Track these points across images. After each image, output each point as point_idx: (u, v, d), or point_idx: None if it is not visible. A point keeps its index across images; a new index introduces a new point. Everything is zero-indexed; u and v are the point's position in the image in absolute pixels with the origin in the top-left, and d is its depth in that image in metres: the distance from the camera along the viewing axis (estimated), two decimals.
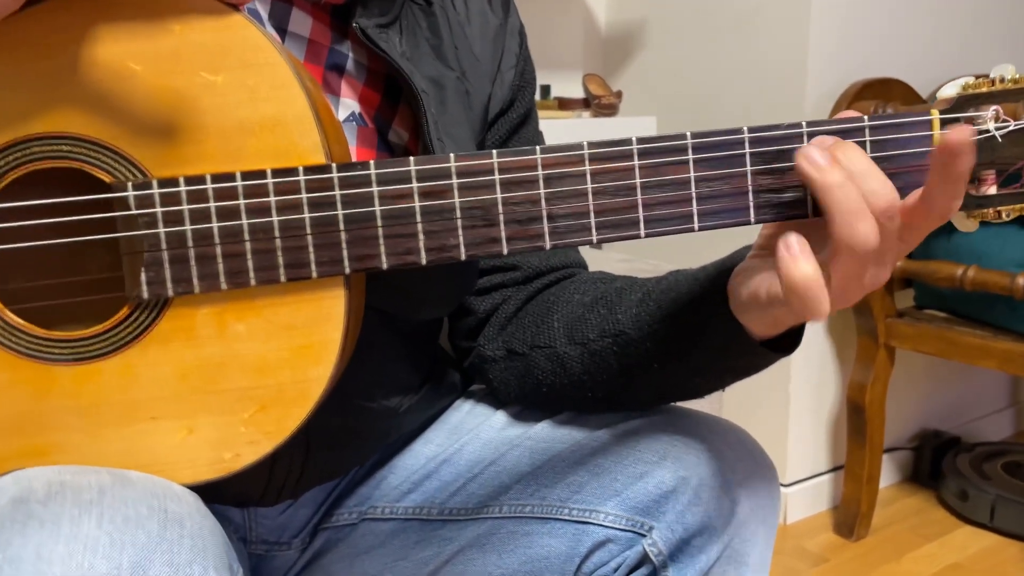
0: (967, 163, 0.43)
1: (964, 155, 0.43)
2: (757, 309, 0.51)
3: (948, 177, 0.44)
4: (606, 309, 0.62)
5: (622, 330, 0.60)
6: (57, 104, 0.46)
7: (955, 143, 0.43)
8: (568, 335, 0.64)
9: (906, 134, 0.48)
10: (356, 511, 0.71)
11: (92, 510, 0.41)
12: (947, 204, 0.45)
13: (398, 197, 0.46)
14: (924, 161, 0.49)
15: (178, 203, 0.46)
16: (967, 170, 0.44)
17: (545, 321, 0.66)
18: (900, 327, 1.56)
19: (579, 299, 0.66)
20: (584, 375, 0.63)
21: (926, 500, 1.79)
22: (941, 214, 0.45)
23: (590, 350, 0.63)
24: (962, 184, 0.44)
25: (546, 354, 0.65)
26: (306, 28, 0.61)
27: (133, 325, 0.47)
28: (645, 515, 0.58)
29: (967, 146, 0.43)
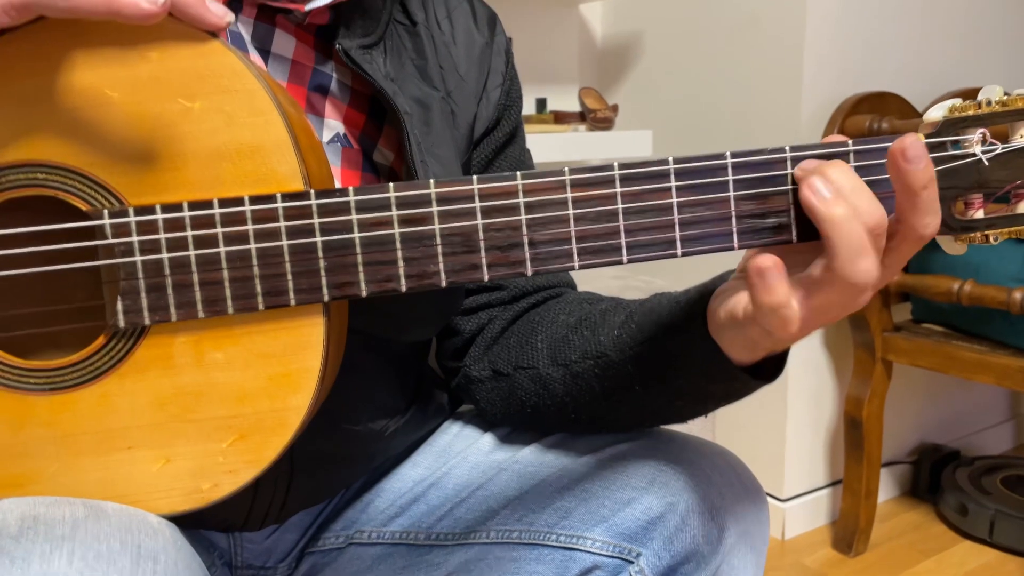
0: (922, 175, 0.43)
1: (918, 163, 0.43)
2: (733, 328, 0.50)
3: (909, 191, 0.43)
4: (589, 331, 0.62)
5: (604, 352, 0.60)
6: (33, 132, 0.45)
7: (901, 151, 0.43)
8: (551, 356, 0.64)
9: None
10: (343, 535, 0.70)
11: (64, 546, 0.40)
12: (920, 222, 0.44)
13: (378, 224, 0.46)
14: None
15: (155, 231, 0.45)
16: (926, 181, 0.43)
17: (529, 342, 0.66)
18: (897, 341, 1.56)
19: (564, 320, 0.65)
20: (567, 396, 0.63)
21: (925, 515, 1.78)
22: (918, 234, 0.45)
23: (572, 372, 0.62)
24: (925, 198, 0.44)
25: (530, 375, 0.65)
26: (289, 49, 0.61)
27: (110, 354, 0.47)
28: (632, 541, 0.58)
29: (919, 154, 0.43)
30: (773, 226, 0.48)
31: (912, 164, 0.43)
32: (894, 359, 1.57)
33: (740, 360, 0.52)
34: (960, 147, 0.49)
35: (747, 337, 0.50)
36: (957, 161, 0.49)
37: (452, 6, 0.70)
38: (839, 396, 1.72)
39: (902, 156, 0.43)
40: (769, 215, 0.48)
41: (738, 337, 0.50)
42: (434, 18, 0.68)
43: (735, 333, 0.50)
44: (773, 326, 0.45)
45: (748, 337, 0.50)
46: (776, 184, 0.47)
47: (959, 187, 0.49)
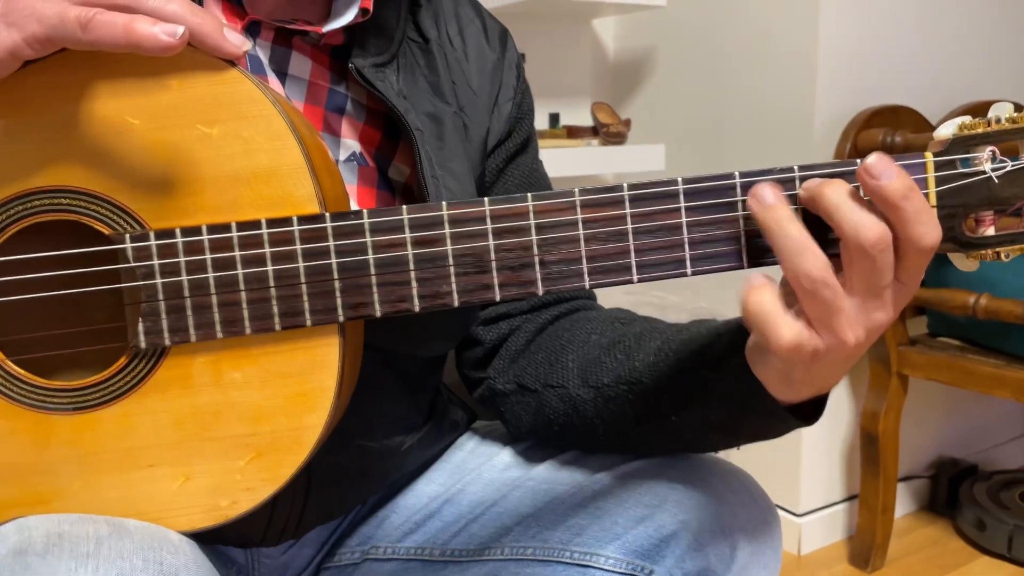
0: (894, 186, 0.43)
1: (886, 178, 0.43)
2: (759, 355, 0.50)
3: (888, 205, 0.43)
4: (623, 355, 0.62)
5: (638, 379, 0.60)
6: (58, 158, 0.46)
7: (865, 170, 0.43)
8: (583, 377, 0.64)
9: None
10: (359, 550, 0.71)
11: (88, 563, 0.41)
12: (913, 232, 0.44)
13: (391, 245, 0.47)
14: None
15: (175, 254, 0.46)
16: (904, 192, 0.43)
17: (559, 360, 0.66)
18: (913, 355, 1.55)
19: (596, 340, 0.65)
20: (597, 419, 0.63)
21: (943, 530, 1.77)
22: (916, 246, 0.44)
23: (604, 396, 0.62)
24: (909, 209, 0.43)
25: (559, 394, 0.65)
26: (306, 71, 0.62)
27: (131, 374, 0.48)
28: (645, 559, 0.58)
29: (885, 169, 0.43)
30: None
31: (880, 179, 0.43)
32: (910, 373, 1.57)
33: (780, 398, 0.51)
34: (970, 164, 0.50)
35: (773, 368, 0.49)
36: (967, 179, 0.49)
37: (464, 23, 0.71)
38: (855, 410, 1.72)
39: (867, 174, 0.43)
40: None
41: (767, 370, 0.50)
42: (446, 35, 0.70)
43: (764, 366, 0.50)
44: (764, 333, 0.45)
45: (774, 368, 0.49)
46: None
47: (969, 204, 0.50)
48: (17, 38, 0.42)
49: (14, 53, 0.42)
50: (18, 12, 0.42)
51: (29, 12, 0.42)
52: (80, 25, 0.42)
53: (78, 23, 0.42)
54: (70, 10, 0.42)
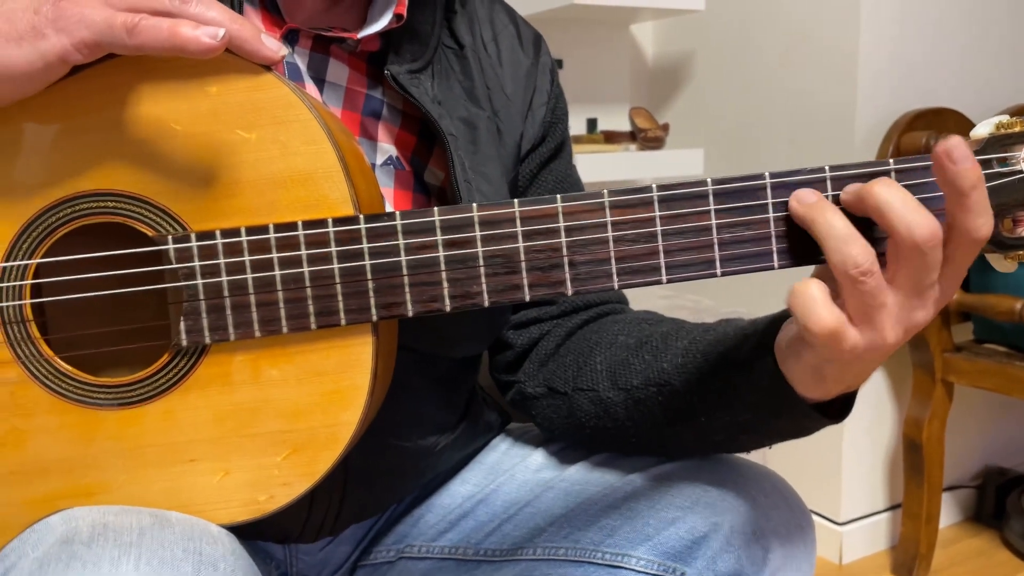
0: (970, 174, 0.43)
1: (964, 163, 0.43)
2: (793, 356, 0.50)
3: (958, 193, 0.43)
4: (651, 355, 0.62)
5: (667, 380, 0.60)
6: (103, 162, 0.48)
7: (945, 152, 0.43)
8: (611, 379, 0.64)
9: (933, 178, 0.48)
10: (394, 549, 0.72)
11: (131, 552, 0.43)
12: (973, 224, 0.44)
13: (423, 247, 0.48)
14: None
15: (215, 255, 0.48)
16: (975, 181, 0.43)
17: (588, 362, 0.66)
18: (958, 362, 1.52)
19: (623, 341, 0.65)
20: (628, 421, 0.63)
21: (989, 541, 1.72)
22: (972, 238, 0.44)
23: (634, 397, 0.62)
24: (975, 199, 0.43)
25: (589, 397, 0.65)
26: (343, 77, 0.63)
27: (173, 371, 0.49)
28: (677, 560, 0.58)
29: (964, 155, 0.43)
30: (813, 245, 0.48)
31: (959, 164, 0.43)
32: (955, 380, 1.53)
33: (809, 396, 0.51)
34: (1007, 164, 0.49)
35: (807, 364, 0.49)
36: (1004, 178, 0.49)
37: (498, 29, 0.72)
38: (898, 418, 1.68)
39: (947, 157, 0.43)
40: (809, 235, 0.48)
41: (799, 366, 0.50)
42: (480, 41, 0.71)
43: (796, 362, 0.50)
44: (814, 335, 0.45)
45: (808, 364, 0.49)
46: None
47: (1007, 204, 0.49)
48: (67, 43, 0.44)
49: (63, 58, 0.44)
50: (67, 18, 0.44)
51: (78, 18, 0.44)
52: (127, 30, 0.43)
53: (125, 28, 0.43)
54: (117, 16, 0.44)
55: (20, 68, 0.44)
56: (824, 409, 0.53)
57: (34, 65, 0.44)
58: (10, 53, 0.43)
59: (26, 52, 0.43)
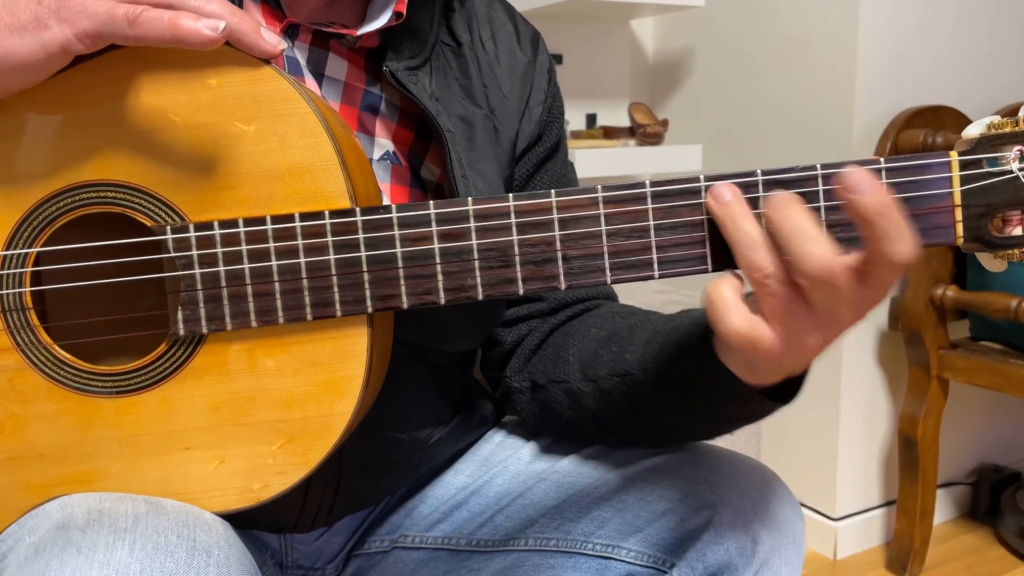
0: (869, 202, 0.42)
1: (863, 193, 0.42)
2: (725, 351, 0.51)
3: (862, 221, 0.43)
4: (617, 347, 0.63)
5: (628, 370, 0.61)
6: (104, 153, 0.49)
7: (840, 182, 0.43)
8: (582, 371, 0.65)
9: (924, 176, 0.48)
10: (388, 539, 0.72)
11: (126, 538, 0.43)
12: (886, 248, 0.43)
13: (418, 239, 0.48)
14: (944, 203, 0.49)
15: (212, 246, 0.48)
16: (880, 208, 0.42)
17: (562, 355, 0.67)
18: (954, 359, 1.52)
19: (595, 334, 0.66)
20: (598, 411, 0.64)
21: (983, 538, 1.73)
22: (888, 261, 0.43)
23: (601, 388, 0.63)
24: (883, 225, 0.42)
25: (562, 388, 0.66)
26: (342, 72, 0.64)
27: (170, 360, 0.50)
28: (667, 552, 0.59)
29: (862, 183, 0.42)
30: None
31: (857, 193, 0.42)
32: (951, 377, 1.54)
33: (755, 382, 0.52)
34: (997, 164, 0.50)
35: (737, 359, 0.50)
36: (994, 178, 0.49)
37: (496, 27, 0.73)
38: (893, 414, 1.69)
39: (845, 188, 0.43)
40: None
41: (731, 360, 0.51)
42: (479, 39, 0.71)
43: (728, 355, 0.51)
44: (730, 343, 0.46)
45: (738, 359, 0.50)
46: (807, 201, 0.48)
47: (996, 204, 0.50)
48: (69, 34, 0.44)
49: (65, 48, 0.45)
50: (69, 9, 0.44)
51: (80, 9, 0.44)
52: (128, 21, 0.44)
53: (126, 19, 0.44)
54: (119, 7, 0.44)
55: (22, 58, 0.44)
56: (775, 392, 0.53)
57: (36, 55, 0.44)
58: (13, 43, 0.44)
59: (29, 42, 0.44)
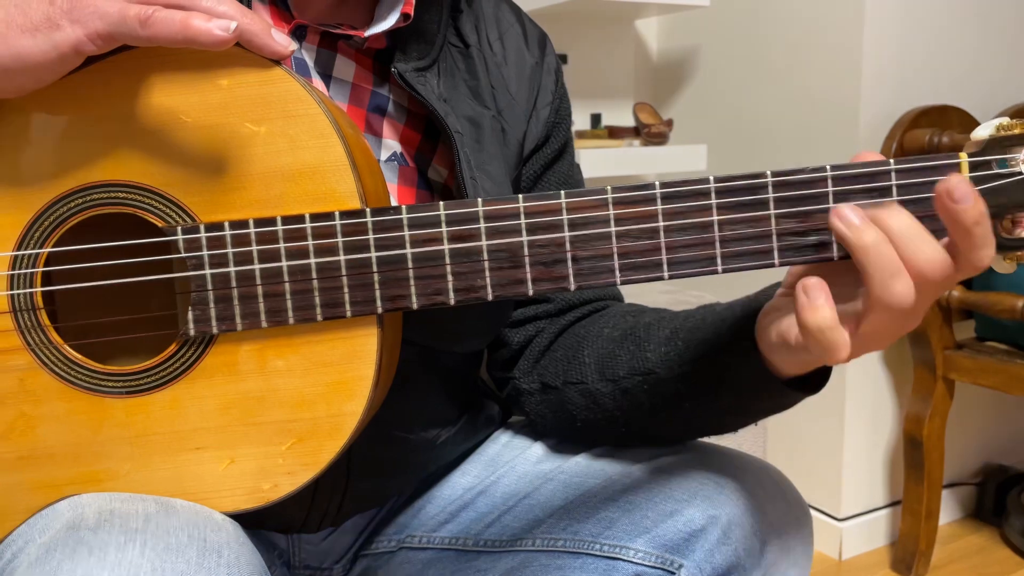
0: (972, 212, 0.43)
1: (966, 203, 0.43)
2: (786, 352, 0.51)
3: (962, 230, 0.44)
4: (635, 346, 0.63)
5: (651, 369, 0.61)
6: (115, 154, 0.49)
7: (947, 192, 0.43)
8: (599, 371, 0.65)
9: (933, 177, 0.48)
10: (395, 539, 0.73)
11: (137, 538, 0.43)
12: (976, 255, 0.45)
13: (428, 240, 0.48)
14: None
15: (223, 246, 0.48)
16: (978, 217, 0.43)
17: (577, 356, 0.67)
18: (959, 359, 1.52)
19: (608, 334, 0.67)
20: (617, 411, 0.64)
21: (989, 538, 1.73)
22: (974, 266, 0.45)
23: (621, 387, 0.63)
24: (979, 233, 0.44)
25: (579, 390, 0.66)
26: (349, 73, 0.64)
27: (181, 360, 0.50)
28: (674, 553, 0.58)
29: (965, 193, 0.43)
30: (814, 244, 0.48)
31: (961, 203, 0.43)
32: (956, 377, 1.54)
33: (788, 374, 0.53)
34: (1007, 165, 0.50)
35: (799, 360, 0.51)
36: (1004, 179, 0.49)
37: (504, 28, 0.73)
38: (898, 415, 1.69)
39: (949, 197, 0.43)
40: (810, 233, 0.48)
41: (789, 358, 0.52)
42: (486, 40, 0.71)
43: (786, 355, 0.51)
44: (823, 351, 0.45)
45: (800, 360, 0.51)
46: (817, 202, 0.48)
47: (1005, 205, 0.49)
48: (80, 34, 0.44)
49: (77, 49, 0.45)
50: (81, 10, 0.44)
51: (92, 10, 0.44)
52: (140, 22, 0.44)
53: (138, 20, 0.44)
54: (130, 8, 0.44)
55: (35, 58, 0.44)
56: (801, 382, 0.54)
57: (48, 56, 0.44)
58: (25, 43, 0.44)
59: (40, 43, 0.44)
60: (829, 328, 0.44)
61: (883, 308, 0.45)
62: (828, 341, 0.44)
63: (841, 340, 0.45)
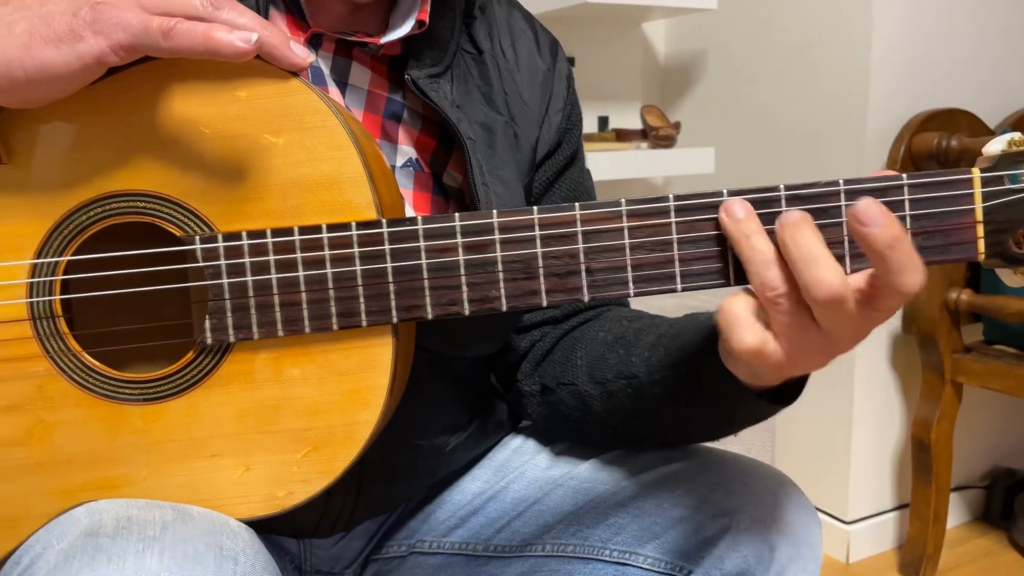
0: (882, 235, 0.42)
1: (874, 226, 0.42)
2: (731, 359, 0.52)
3: (874, 252, 0.43)
4: (623, 350, 0.64)
5: (634, 373, 0.62)
6: (135, 163, 0.49)
7: (854, 216, 0.43)
8: (589, 373, 0.66)
9: (946, 192, 0.48)
10: (405, 544, 0.73)
11: (155, 546, 0.44)
12: (896, 280, 0.43)
13: (443, 251, 0.49)
14: (966, 219, 0.49)
15: (240, 256, 0.49)
16: (890, 241, 0.42)
17: (570, 359, 0.68)
18: (967, 363, 1.52)
19: (603, 337, 0.67)
20: (604, 413, 0.65)
21: (997, 541, 1.73)
22: (899, 291, 0.44)
23: (608, 390, 0.64)
24: (894, 258, 0.43)
25: (570, 391, 0.67)
26: (365, 80, 0.64)
27: (198, 368, 0.51)
28: (684, 559, 0.59)
29: (873, 217, 0.42)
30: None
31: (869, 227, 0.42)
32: (964, 381, 1.54)
33: (757, 384, 0.52)
34: (1019, 180, 0.50)
35: (742, 367, 0.51)
36: (1015, 195, 0.50)
37: (516, 35, 0.73)
38: (906, 418, 1.69)
39: (857, 221, 0.43)
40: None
41: (736, 367, 0.52)
42: (499, 47, 0.71)
43: (733, 363, 0.52)
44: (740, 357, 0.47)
45: (743, 366, 0.51)
46: (829, 216, 0.48)
47: (1017, 220, 0.50)
48: (104, 45, 0.45)
49: (100, 60, 0.45)
50: (104, 21, 0.45)
51: (115, 21, 0.45)
52: (162, 33, 0.45)
53: (160, 31, 0.45)
54: (153, 20, 0.45)
55: (58, 69, 0.45)
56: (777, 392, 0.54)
57: (71, 66, 0.45)
58: (49, 54, 0.45)
59: (64, 54, 0.45)
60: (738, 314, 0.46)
61: (761, 296, 0.45)
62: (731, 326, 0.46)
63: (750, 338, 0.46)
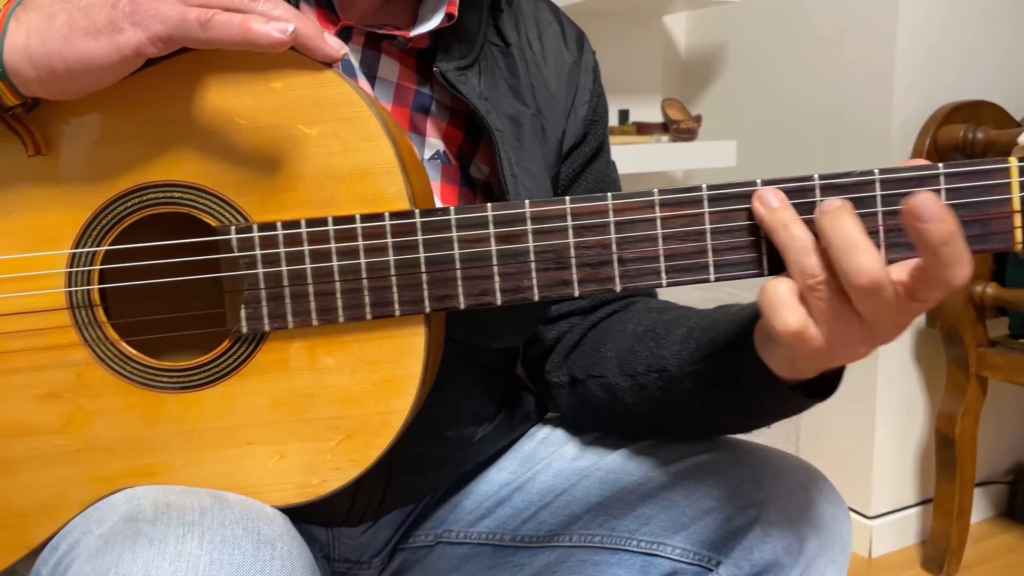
0: (938, 231, 0.42)
1: (932, 222, 0.42)
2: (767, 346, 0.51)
3: (928, 248, 0.43)
4: (654, 342, 0.64)
5: (666, 367, 0.62)
6: (171, 154, 0.50)
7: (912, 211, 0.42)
8: (620, 366, 0.66)
9: (983, 182, 0.48)
10: (432, 534, 0.74)
11: (194, 530, 0.45)
12: (945, 274, 0.43)
13: (476, 241, 0.49)
14: (1003, 209, 0.49)
15: (275, 246, 0.49)
16: (945, 237, 0.42)
17: (600, 350, 0.68)
18: (993, 357, 1.51)
19: (632, 329, 0.67)
20: (635, 406, 0.65)
21: (1021, 537, 1.72)
22: (946, 285, 0.43)
23: (639, 383, 0.64)
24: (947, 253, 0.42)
25: (600, 383, 0.67)
26: (394, 73, 0.65)
27: (233, 357, 0.51)
28: (713, 550, 0.59)
29: (932, 213, 0.42)
30: None
31: (927, 223, 0.42)
32: (990, 375, 1.53)
33: (792, 377, 0.52)
34: None
35: (780, 357, 0.51)
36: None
37: (543, 27, 0.73)
38: (930, 412, 1.68)
39: (914, 217, 0.42)
40: None
41: (773, 357, 0.51)
42: (526, 39, 0.72)
43: (770, 353, 0.51)
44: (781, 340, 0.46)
45: (780, 356, 0.51)
46: (864, 206, 0.48)
47: None
48: (142, 37, 0.45)
49: (139, 52, 0.46)
50: (143, 13, 0.45)
51: (153, 13, 0.45)
52: (200, 24, 0.45)
53: (198, 23, 0.45)
54: (191, 11, 0.45)
55: (97, 61, 0.45)
56: (812, 386, 0.53)
57: (110, 58, 0.45)
58: (88, 46, 0.45)
59: (103, 45, 0.45)
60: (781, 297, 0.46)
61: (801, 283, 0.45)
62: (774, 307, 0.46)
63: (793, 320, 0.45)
